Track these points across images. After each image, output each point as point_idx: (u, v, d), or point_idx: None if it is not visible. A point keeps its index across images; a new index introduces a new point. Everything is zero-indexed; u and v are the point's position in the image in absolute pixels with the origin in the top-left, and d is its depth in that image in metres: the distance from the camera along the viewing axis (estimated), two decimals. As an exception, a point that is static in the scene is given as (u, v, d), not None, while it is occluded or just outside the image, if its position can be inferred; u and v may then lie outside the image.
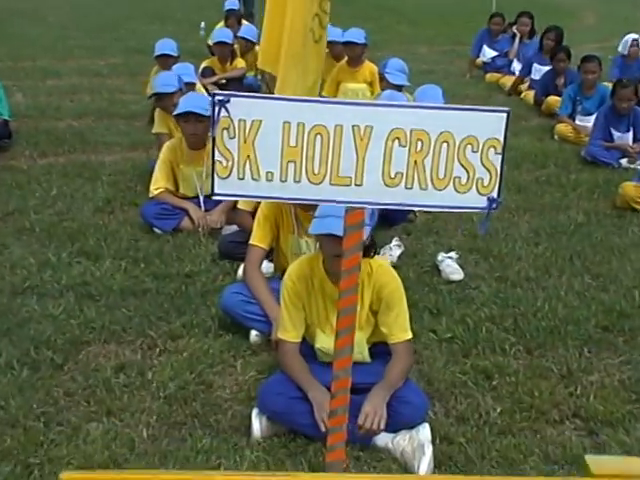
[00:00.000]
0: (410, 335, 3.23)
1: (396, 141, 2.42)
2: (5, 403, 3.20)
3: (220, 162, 2.40)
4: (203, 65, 9.28)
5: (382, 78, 6.86)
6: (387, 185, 2.46)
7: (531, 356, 3.81)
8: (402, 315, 3.20)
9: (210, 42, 10.51)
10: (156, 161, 5.85)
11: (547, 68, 10.09)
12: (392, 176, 2.45)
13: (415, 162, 2.44)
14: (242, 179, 2.42)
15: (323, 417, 2.92)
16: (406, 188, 2.47)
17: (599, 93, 8.56)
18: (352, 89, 7.96)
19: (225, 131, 2.38)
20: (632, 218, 5.83)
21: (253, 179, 2.42)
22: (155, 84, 6.05)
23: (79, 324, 3.89)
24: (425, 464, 2.87)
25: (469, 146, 2.44)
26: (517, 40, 11.49)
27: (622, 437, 3.15)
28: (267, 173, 2.42)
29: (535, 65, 10.53)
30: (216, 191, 2.43)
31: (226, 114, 2.36)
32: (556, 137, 8.50)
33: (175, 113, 5.15)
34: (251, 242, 3.94)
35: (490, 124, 2.44)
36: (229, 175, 2.42)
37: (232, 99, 2.35)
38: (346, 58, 8.14)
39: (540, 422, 3.27)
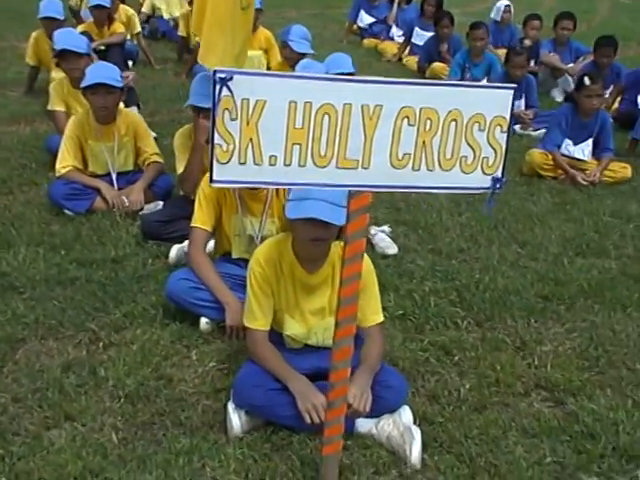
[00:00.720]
0: (382, 317, 3.15)
1: (405, 120, 2.30)
2: (-52, 415, 2.88)
3: (220, 146, 2.20)
4: (78, 31, 8.71)
5: (285, 46, 6.67)
6: (394, 167, 2.34)
7: (482, 328, 3.82)
8: (374, 298, 3.12)
9: (73, 3, 9.93)
10: (54, 137, 5.48)
11: (429, 34, 10.21)
12: (400, 157, 2.33)
13: (423, 142, 2.34)
14: (243, 164, 2.23)
15: (308, 408, 2.80)
16: (413, 170, 2.36)
17: (487, 60, 8.75)
18: (248, 56, 7.69)
19: (226, 112, 2.17)
20: (540, 185, 6.01)
21: (255, 164, 2.24)
22: (58, 40, 5.59)
23: (8, 320, 3.56)
24: (417, 448, 2.81)
25: (476, 124, 2.36)
26: (395, 6, 11.56)
27: (589, 405, 3.20)
28: (270, 157, 2.24)
29: (417, 30, 10.63)
30: (215, 178, 2.23)
31: (228, 93, 2.15)
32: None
33: (83, 85, 4.78)
34: (193, 224, 3.72)
35: (497, 101, 2.37)
36: (229, 160, 2.22)
37: (235, 77, 2.15)
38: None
39: (508, 395, 3.29)
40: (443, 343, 3.62)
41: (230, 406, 2.94)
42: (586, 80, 6.05)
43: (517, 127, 7.65)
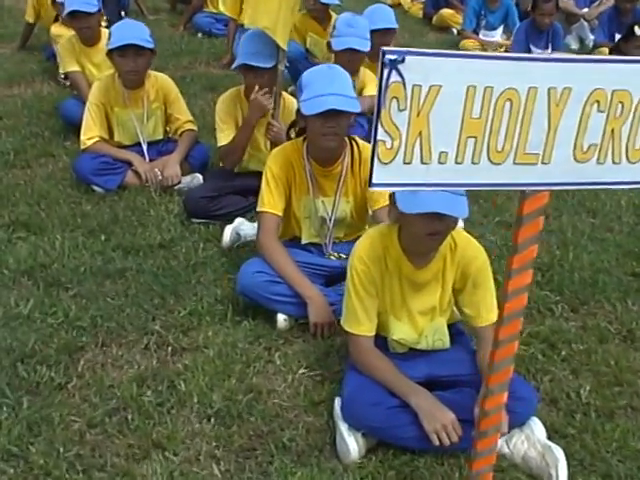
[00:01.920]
0: (497, 315, 2.77)
1: (595, 105, 1.90)
2: (20, 450, 2.47)
3: (384, 143, 1.78)
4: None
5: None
6: (577, 161, 1.94)
7: (579, 315, 3.49)
8: (490, 293, 2.74)
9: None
10: (70, 103, 4.99)
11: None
12: (584, 150, 1.93)
13: (612, 131, 1.93)
14: (408, 163, 1.82)
15: (437, 428, 2.45)
16: (597, 163, 1.96)
17: (504, 6, 8.31)
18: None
19: (394, 101, 1.75)
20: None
21: (423, 162, 1.83)
22: (70, 1, 5.05)
23: (61, 324, 3.13)
24: (564, 472, 2.48)
25: (673, 108, 1.95)
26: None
27: None
28: (440, 154, 1.83)
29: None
30: (375, 181, 1.81)
31: (398, 79, 1.73)
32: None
33: (111, 47, 4.27)
34: (262, 208, 3.31)
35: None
36: (393, 159, 1.80)
37: (407, 58, 1.72)
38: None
39: (632, 397, 2.95)
40: (545, 335, 3.27)
41: (342, 426, 2.57)
42: (637, 30, 5.65)
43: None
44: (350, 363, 2.76)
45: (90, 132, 4.38)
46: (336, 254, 3.47)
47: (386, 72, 1.71)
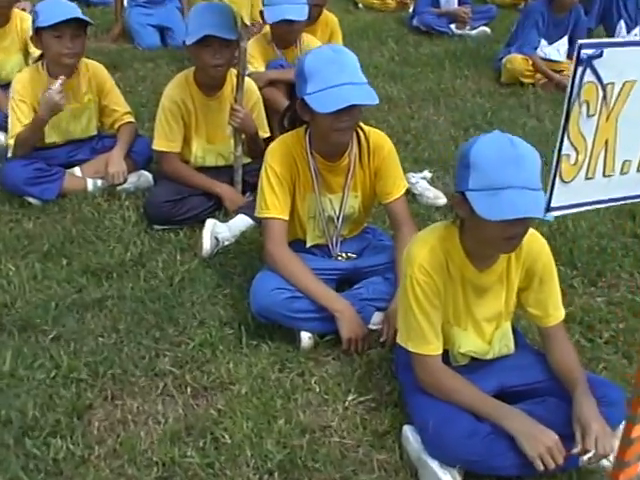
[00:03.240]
0: (564, 312, 2.53)
1: None
2: None
3: (568, 157, 1.45)
4: None
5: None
6: None
7: (601, 289, 3.33)
8: (555, 289, 2.49)
9: None
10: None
11: None
12: None
13: None
14: (591, 178, 1.50)
15: (541, 453, 2.17)
16: None
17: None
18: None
19: (584, 106, 1.41)
20: (527, 94, 5.52)
21: (605, 176, 1.51)
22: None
23: (55, 379, 2.63)
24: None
25: None
26: None
27: None
28: (624, 163, 1.51)
29: None
30: (554, 204, 1.49)
31: (593, 78, 1.39)
32: (360, 5, 7.83)
33: (44, 24, 3.63)
34: (266, 214, 2.90)
35: None
36: (575, 176, 1.48)
37: (605, 52, 1.38)
38: None
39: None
40: (579, 316, 3.07)
41: (433, 464, 2.26)
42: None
43: (453, 27, 7.05)
44: (415, 386, 2.43)
45: (15, 130, 3.77)
46: (344, 254, 3.12)
47: (580, 71, 1.37)
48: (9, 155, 3.79)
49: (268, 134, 3.87)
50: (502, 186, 2.10)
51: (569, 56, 5.81)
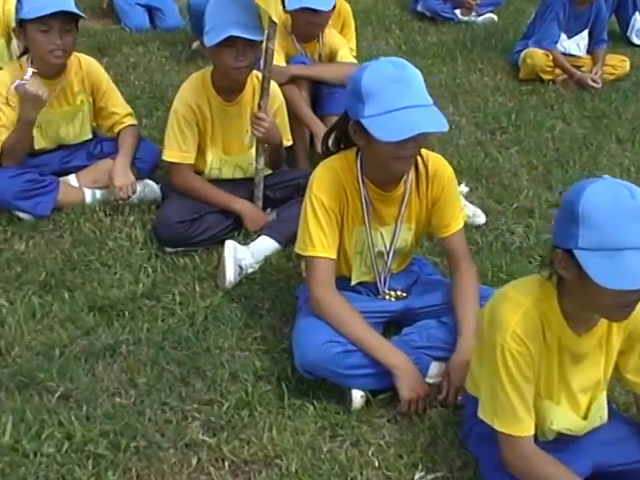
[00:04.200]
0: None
1: None
2: None
3: None
4: None
5: None
6: None
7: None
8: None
9: None
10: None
11: None
12: None
13: None
14: None
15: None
16: None
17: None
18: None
19: None
20: (549, 92, 5.17)
21: None
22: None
23: (67, 454, 2.21)
24: None
25: None
26: None
27: None
28: None
29: None
30: None
31: None
32: (357, -13, 7.34)
33: (28, 16, 3.15)
34: (312, 253, 2.50)
35: None
36: None
37: None
38: None
39: None
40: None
41: None
42: None
43: (457, 12, 6.64)
44: (498, 466, 2.07)
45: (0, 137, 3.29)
46: (393, 292, 2.73)
47: None
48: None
49: (291, 142, 3.45)
50: (622, 247, 1.74)
51: (588, 51, 5.45)
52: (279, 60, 3.75)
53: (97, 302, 2.82)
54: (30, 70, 3.20)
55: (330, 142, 2.62)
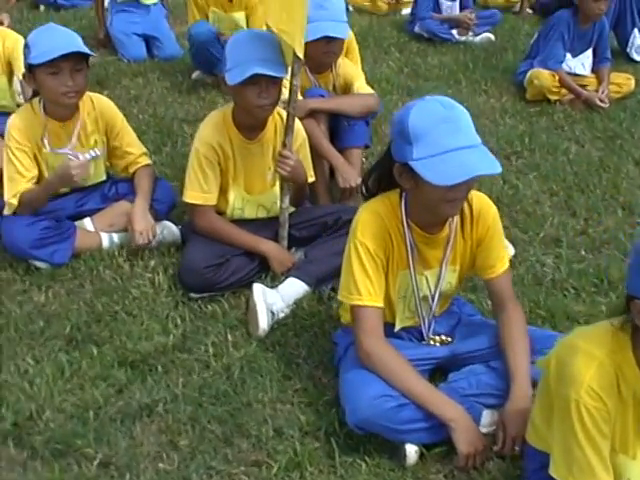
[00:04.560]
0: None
1: None
2: None
3: None
4: None
5: None
6: None
7: None
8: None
9: None
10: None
11: None
12: None
13: None
14: None
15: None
16: None
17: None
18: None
19: None
20: (557, 112, 5.11)
21: None
22: None
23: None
24: None
25: None
26: None
27: None
28: None
29: None
30: None
31: None
32: (350, 8, 7.32)
33: (40, 61, 3.04)
34: (358, 302, 2.40)
35: None
36: None
37: None
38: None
39: None
40: None
41: None
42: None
43: (455, 32, 6.59)
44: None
45: (17, 187, 3.17)
46: (437, 337, 2.63)
47: None
48: (6, 212, 3.18)
49: (314, 179, 3.35)
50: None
51: (593, 70, 5.41)
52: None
53: (128, 357, 2.69)
54: (90, 155, 3.20)
55: (371, 184, 2.52)
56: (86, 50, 3.13)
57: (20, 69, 4.02)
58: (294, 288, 3.04)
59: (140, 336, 2.81)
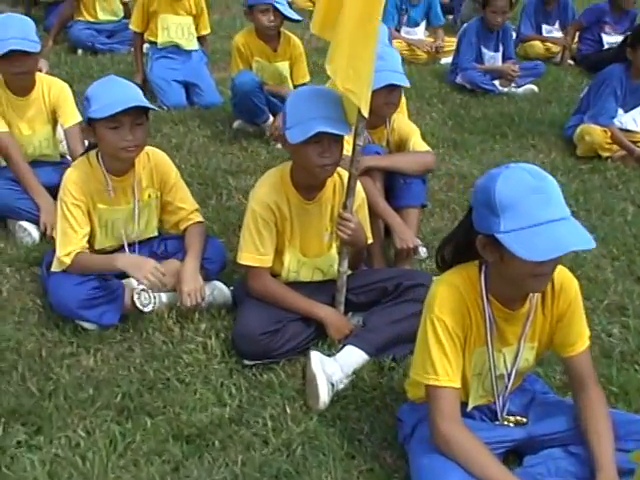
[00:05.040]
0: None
1: None
2: None
3: None
4: None
5: (261, 10, 4.95)
6: None
7: None
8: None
9: None
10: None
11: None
12: None
13: None
14: None
15: None
16: None
17: (426, 0, 7.46)
18: (176, 23, 5.84)
19: None
20: (610, 170, 4.96)
21: None
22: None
23: None
24: None
25: None
26: None
27: None
28: None
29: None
30: None
31: None
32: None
33: (101, 116, 2.95)
34: (433, 382, 2.27)
35: None
36: None
37: None
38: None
39: None
40: None
41: None
42: (653, 34, 4.94)
43: (497, 83, 6.49)
44: None
45: (70, 244, 3.07)
46: (512, 417, 2.47)
47: None
48: (55, 268, 3.07)
49: (372, 240, 3.22)
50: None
51: (644, 124, 5.29)
52: (349, 150, 3.53)
53: (183, 430, 2.54)
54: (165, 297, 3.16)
55: (447, 256, 2.39)
56: (147, 104, 3.04)
57: (66, 118, 3.96)
58: (353, 357, 2.90)
59: (194, 407, 2.66)
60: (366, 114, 2.83)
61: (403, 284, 3.03)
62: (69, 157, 4.11)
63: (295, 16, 4.98)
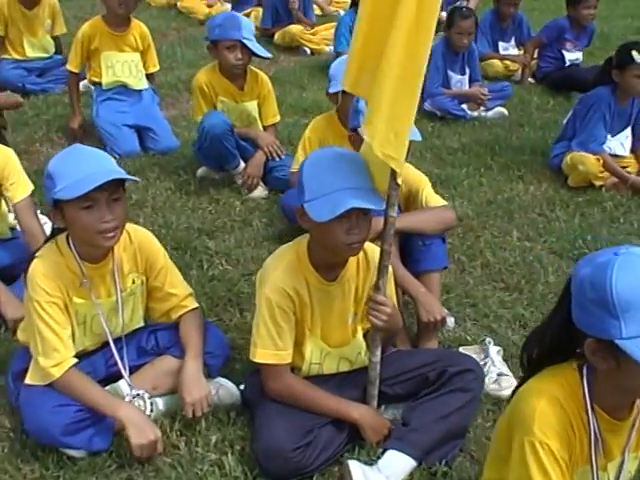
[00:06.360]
0: None
1: None
2: None
3: None
4: None
5: (228, 47, 4.47)
6: None
7: None
8: None
9: None
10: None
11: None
12: None
13: None
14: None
15: None
16: None
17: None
18: (121, 61, 5.30)
19: None
20: (604, 200, 4.66)
21: None
22: None
23: None
24: None
25: None
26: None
27: None
28: None
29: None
30: None
31: None
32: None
33: (69, 197, 2.45)
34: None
35: None
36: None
37: None
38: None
39: None
40: None
41: None
42: (636, 56, 4.65)
43: (465, 107, 6.17)
44: None
45: (56, 353, 2.53)
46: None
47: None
48: (36, 381, 2.54)
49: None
50: None
51: (632, 150, 5.01)
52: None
53: None
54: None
55: (540, 351, 1.98)
56: (125, 175, 2.54)
57: (14, 192, 3.38)
58: (399, 464, 2.47)
59: None
60: (400, 182, 2.41)
61: (448, 371, 2.60)
62: (19, 228, 3.56)
63: (265, 53, 4.51)
